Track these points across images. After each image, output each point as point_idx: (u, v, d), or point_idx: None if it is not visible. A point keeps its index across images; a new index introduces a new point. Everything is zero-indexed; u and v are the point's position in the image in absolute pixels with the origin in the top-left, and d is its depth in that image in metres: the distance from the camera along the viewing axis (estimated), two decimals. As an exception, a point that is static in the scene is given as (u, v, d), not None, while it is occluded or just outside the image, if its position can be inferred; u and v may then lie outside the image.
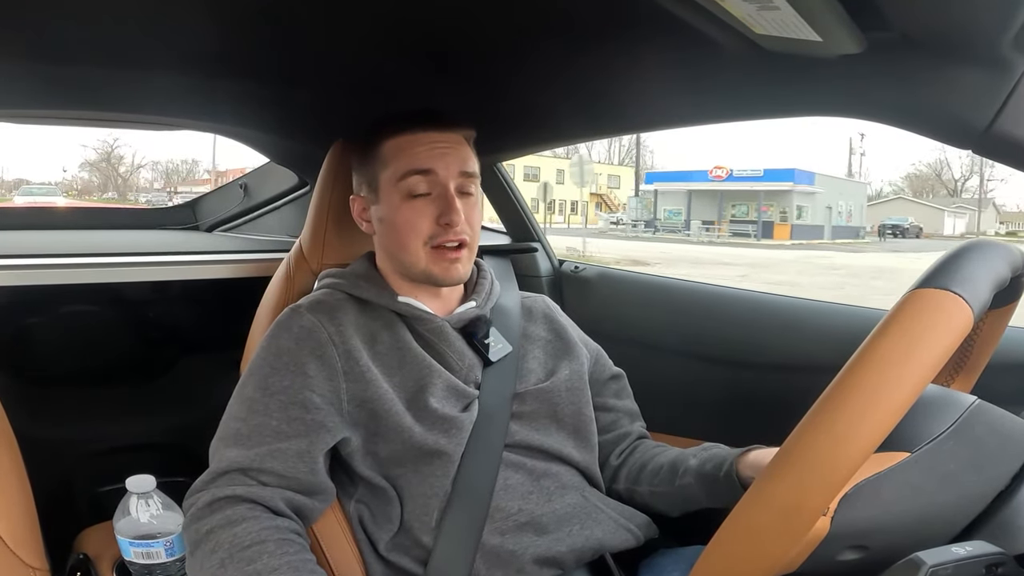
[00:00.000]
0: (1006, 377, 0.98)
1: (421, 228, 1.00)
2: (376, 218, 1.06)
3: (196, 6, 1.03)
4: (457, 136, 1.04)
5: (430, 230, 1.00)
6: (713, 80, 1.01)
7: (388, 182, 1.02)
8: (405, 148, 1.01)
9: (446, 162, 1.01)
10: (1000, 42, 0.67)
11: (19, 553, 0.84)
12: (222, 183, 2.39)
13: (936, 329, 0.61)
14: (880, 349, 0.61)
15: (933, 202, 41.29)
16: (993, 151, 0.75)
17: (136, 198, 23.29)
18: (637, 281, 1.58)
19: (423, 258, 1.01)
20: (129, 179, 38.18)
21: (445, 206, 0.99)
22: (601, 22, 0.96)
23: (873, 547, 0.69)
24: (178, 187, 33.38)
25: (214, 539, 0.85)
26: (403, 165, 1.01)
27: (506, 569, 0.92)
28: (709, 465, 0.97)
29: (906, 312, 0.63)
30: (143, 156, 52.62)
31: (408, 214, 1.00)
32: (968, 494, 0.72)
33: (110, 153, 37.87)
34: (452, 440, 0.96)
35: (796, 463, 0.61)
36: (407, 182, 1.00)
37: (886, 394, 0.59)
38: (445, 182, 1.00)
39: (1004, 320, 0.86)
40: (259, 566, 0.82)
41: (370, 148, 1.05)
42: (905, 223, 30.54)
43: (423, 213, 1.00)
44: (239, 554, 0.83)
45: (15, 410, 1.01)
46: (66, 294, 1.57)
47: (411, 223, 1.00)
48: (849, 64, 0.78)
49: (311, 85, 1.38)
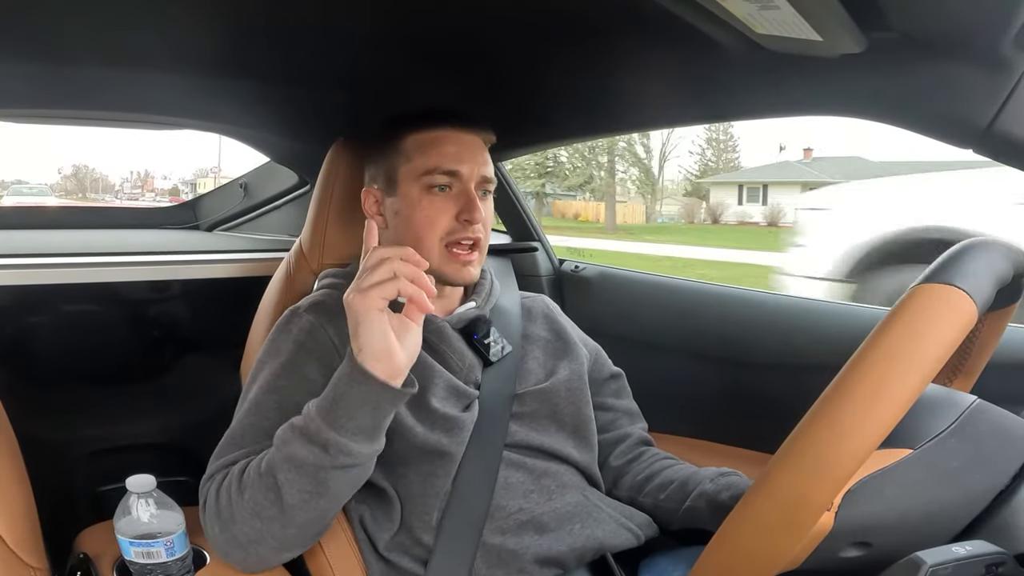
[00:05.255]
0: (1005, 377, 0.98)
1: (440, 223, 1.00)
2: (391, 211, 1.04)
3: (196, 5, 1.02)
4: (479, 139, 1.04)
5: (448, 226, 1.00)
6: (714, 79, 1.01)
7: (409, 175, 1.02)
8: (431, 144, 1.01)
9: (471, 165, 1.01)
10: (1001, 41, 0.67)
11: (19, 553, 0.84)
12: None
13: (940, 323, 0.62)
14: (885, 343, 0.61)
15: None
16: (994, 150, 0.75)
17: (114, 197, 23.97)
18: (637, 281, 1.58)
19: (436, 255, 1.00)
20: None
21: (467, 203, 0.99)
22: (602, 22, 0.96)
23: (876, 544, 0.69)
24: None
25: (224, 498, 0.87)
26: (428, 161, 1.00)
27: (507, 568, 0.92)
28: (726, 494, 0.96)
29: (910, 307, 0.63)
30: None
31: (428, 208, 1.00)
32: (969, 492, 0.72)
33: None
34: (453, 440, 0.96)
35: (801, 457, 0.61)
36: (431, 178, 1.00)
37: (890, 388, 0.59)
38: (467, 182, 1.01)
39: (1003, 322, 0.86)
40: (266, 469, 0.84)
41: (391, 140, 1.04)
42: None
43: (443, 209, 1.00)
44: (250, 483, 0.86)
45: (15, 410, 1.01)
46: (66, 294, 1.57)
47: (430, 218, 1.00)
48: (850, 64, 0.78)
49: (311, 84, 1.38)
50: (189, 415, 1.72)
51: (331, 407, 0.81)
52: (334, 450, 0.81)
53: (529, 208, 1.69)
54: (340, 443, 0.81)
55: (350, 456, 0.82)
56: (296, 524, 0.85)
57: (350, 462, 0.82)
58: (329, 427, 0.81)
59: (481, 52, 1.18)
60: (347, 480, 0.85)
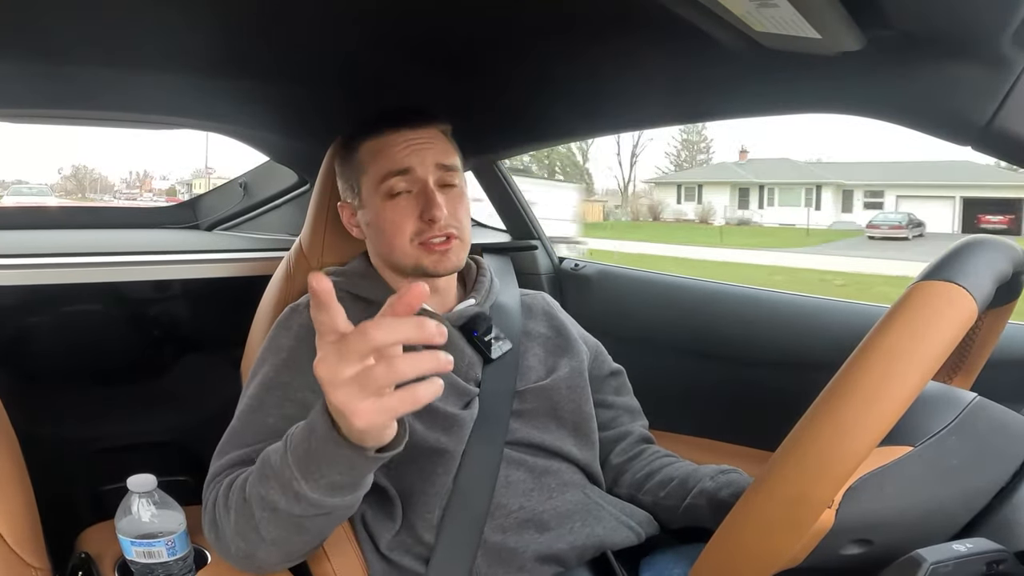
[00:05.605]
0: (1005, 374, 0.98)
1: (405, 227, 1.00)
2: (364, 223, 1.06)
3: (196, 5, 1.02)
4: (432, 131, 1.04)
5: (415, 227, 1.00)
6: (712, 78, 1.00)
7: (369, 186, 1.03)
8: (381, 150, 1.02)
9: (421, 158, 1.01)
10: (1000, 39, 0.67)
11: (20, 552, 0.84)
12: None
13: (941, 320, 0.62)
14: (885, 340, 0.62)
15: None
16: (993, 147, 0.75)
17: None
18: (637, 278, 1.58)
19: (412, 254, 1.01)
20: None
21: (426, 202, 0.99)
22: (601, 20, 0.96)
23: (876, 541, 0.69)
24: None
25: (218, 510, 0.84)
26: (381, 167, 1.01)
27: (507, 566, 0.92)
28: (726, 492, 0.96)
29: (911, 304, 0.63)
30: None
31: (391, 214, 1.01)
32: (970, 490, 0.72)
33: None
34: (453, 438, 0.96)
35: (802, 454, 0.61)
36: (387, 184, 1.01)
37: (891, 385, 0.60)
38: (424, 178, 1.00)
39: (1003, 319, 0.86)
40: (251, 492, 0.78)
41: (349, 154, 1.06)
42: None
43: (406, 212, 1.00)
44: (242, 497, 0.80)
45: (16, 409, 1.01)
46: (66, 293, 1.57)
47: (395, 223, 1.00)
48: (849, 61, 0.78)
49: (311, 83, 1.38)
50: (190, 414, 1.72)
51: (305, 457, 0.70)
52: (305, 504, 0.73)
53: (529, 206, 1.69)
54: (312, 498, 0.72)
55: (324, 508, 0.74)
56: (282, 551, 0.81)
57: (326, 511, 0.75)
58: (303, 478, 0.71)
59: (480, 51, 1.18)
60: (327, 522, 0.79)
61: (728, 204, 20.61)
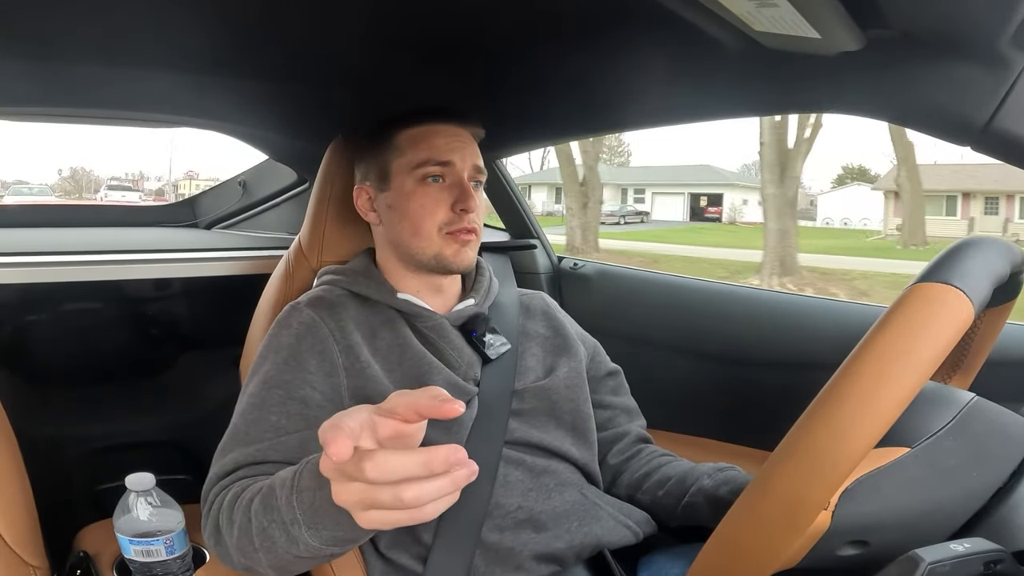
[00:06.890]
0: (1003, 374, 0.98)
1: (437, 213, 1.01)
2: (385, 205, 1.06)
3: (195, 4, 1.02)
4: (468, 133, 1.06)
5: (445, 216, 1.01)
6: (712, 77, 1.01)
7: (402, 169, 1.03)
8: (425, 138, 1.03)
9: (463, 155, 1.03)
10: (999, 39, 0.67)
11: (19, 551, 0.84)
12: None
13: (937, 323, 0.62)
14: (882, 342, 0.62)
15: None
16: (992, 148, 0.75)
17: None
18: (636, 278, 1.58)
19: (436, 242, 1.02)
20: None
21: (461, 193, 1.01)
22: (601, 19, 0.96)
23: (873, 542, 0.69)
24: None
25: (221, 519, 0.82)
26: (421, 154, 1.02)
27: (505, 566, 0.92)
28: (724, 489, 0.96)
29: (907, 306, 0.63)
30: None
31: (423, 199, 1.02)
32: (967, 490, 0.72)
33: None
34: (452, 437, 0.96)
35: (798, 456, 0.61)
36: (424, 170, 1.02)
37: (888, 387, 0.60)
38: (461, 173, 1.03)
39: (1001, 319, 0.86)
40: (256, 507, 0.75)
41: (382, 137, 1.06)
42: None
43: (439, 199, 1.02)
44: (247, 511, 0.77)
45: (15, 408, 1.01)
46: (66, 292, 1.57)
47: (426, 208, 1.02)
48: (848, 61, 0.78)
49: (310, 82, 1.38)
50: (188, 413, 1.72)
51: (310, 509, 0.67)
52: (304, 548, 0.69)
53: (528, 205, 1.69)
54: (312, 546, 0.68)
55: (323, 555, 0.71)
56: (284, 570, 0.78)
57: (325, 556, 0.73)
58: (305, 525, 0.68)
59: (479, 50, 1.18)
60: (327, 560, 0.78)
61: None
